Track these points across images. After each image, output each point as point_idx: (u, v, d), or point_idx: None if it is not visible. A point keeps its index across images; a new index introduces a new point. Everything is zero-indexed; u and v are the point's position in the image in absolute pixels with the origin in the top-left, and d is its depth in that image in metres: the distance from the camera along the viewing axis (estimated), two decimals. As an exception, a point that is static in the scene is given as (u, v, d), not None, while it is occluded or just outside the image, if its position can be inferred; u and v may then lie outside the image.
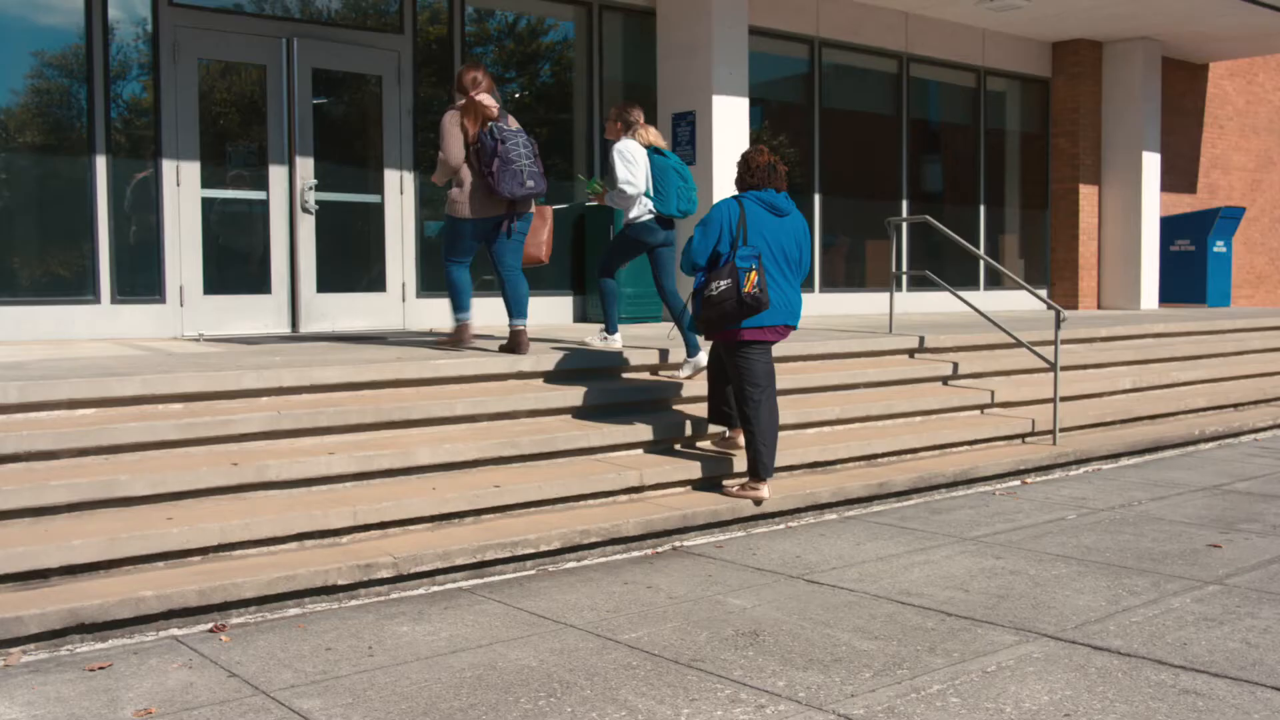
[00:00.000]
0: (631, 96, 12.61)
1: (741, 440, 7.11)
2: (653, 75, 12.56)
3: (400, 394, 6.93)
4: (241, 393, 6.45)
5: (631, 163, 8.09)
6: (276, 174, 10.22)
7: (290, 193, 10.27)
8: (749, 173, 6.88)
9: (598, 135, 12.29)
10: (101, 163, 9.40)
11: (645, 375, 8.00)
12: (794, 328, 6.94)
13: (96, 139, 9.38)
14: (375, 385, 6.92)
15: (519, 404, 7.13)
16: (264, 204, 10.23)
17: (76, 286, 9.37)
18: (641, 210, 8.17)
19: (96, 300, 9.40)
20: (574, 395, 7.39)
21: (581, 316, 12.09)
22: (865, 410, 8.40)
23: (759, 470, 6.78)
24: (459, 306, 8.20)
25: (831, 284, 14.51)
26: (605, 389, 7.55)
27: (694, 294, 6.76)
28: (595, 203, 8.31)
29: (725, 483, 7.13)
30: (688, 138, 12.07)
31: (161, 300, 9.68)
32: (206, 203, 9.90)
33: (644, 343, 8.49)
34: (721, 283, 6.53)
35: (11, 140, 9.20)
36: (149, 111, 9.67)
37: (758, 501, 6.80)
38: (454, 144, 7.82)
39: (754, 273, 6.52)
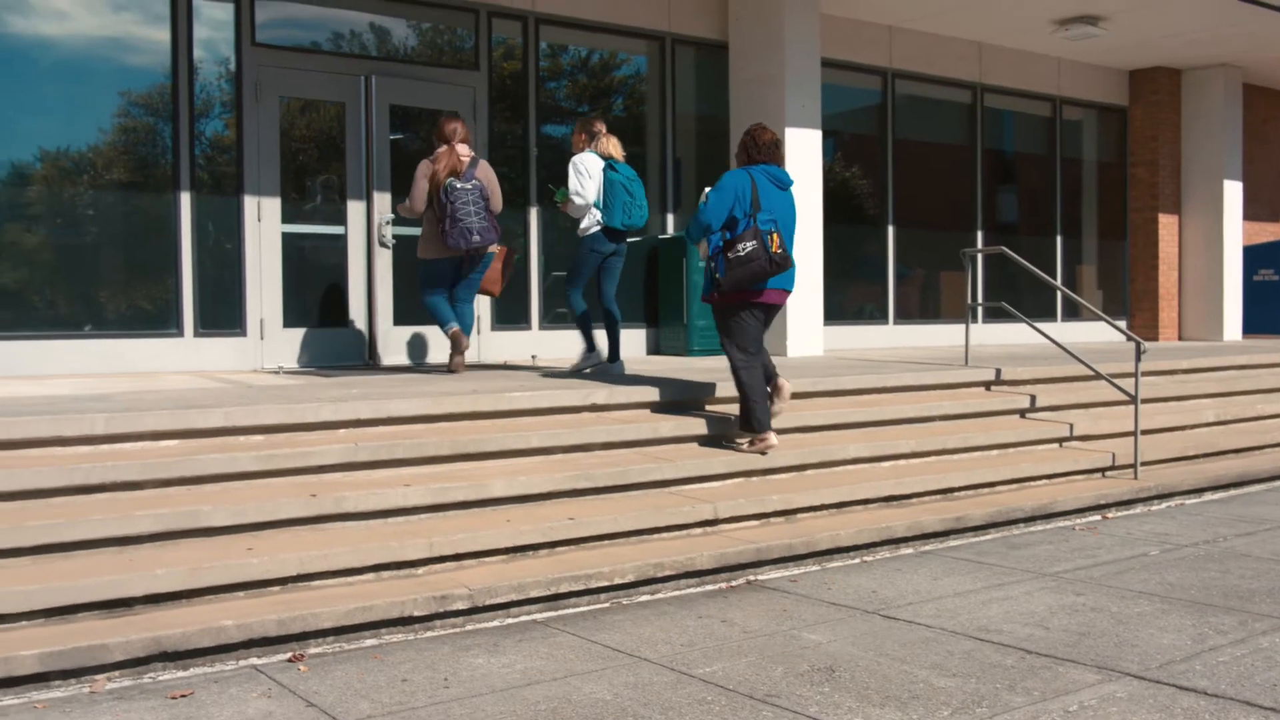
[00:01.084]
0: (704, 129, 12.67)
1: (772, 439, 7.42)
2: (725, 108, 12.60)
3: (475, 426, 6.99)
4: (320, 425, 6.54)
5: (583, 175, 8.72)
6: (354, 209, 10.38)
7: (368, 227, 10.43)
8: (756, 149, 7.45)
9: (670, 167, 12.36)
10: (186, 199, 9.61)
11: (719, 408, 7.99)
12: (791, 292, 7.53)
13: (181, 176, 9.61)
14: (451, 418, 6.99)
15: (593, 436, 7.16)
16: (342, 238, 10.40)
17: (161, 320, 9.58)
18: (590, 221, 8.78)
19: (180, 333, 9.60)
20: (647, 428, 7.40)
21: (655, 349, 12.12)
22: (941, 443, 8.31)
23: (759, 425, 7.36)
24: (440, 322, 9.15)
25: (906, 316, 14.42)
26: (679, 422, 7.56)
27: (712, 256, 7.24)
28: (563, 210, 9.11)
29: (737, 439, 7.60)
30: (760, 170, 12.07)
31: (242, 333, 9.87)
32: (286, 237, 10.09)
33: (717, 376, 8.47)
34: (748, 244, 7.08)
35: (99, 177, 9.45)
36: (231, 148, 9.88)
37: (764, 452, 7.40)
38: (418, 192, 8.84)
39: (775, 235, 7.16)
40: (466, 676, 4.54)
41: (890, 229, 14.21)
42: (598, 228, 8.73)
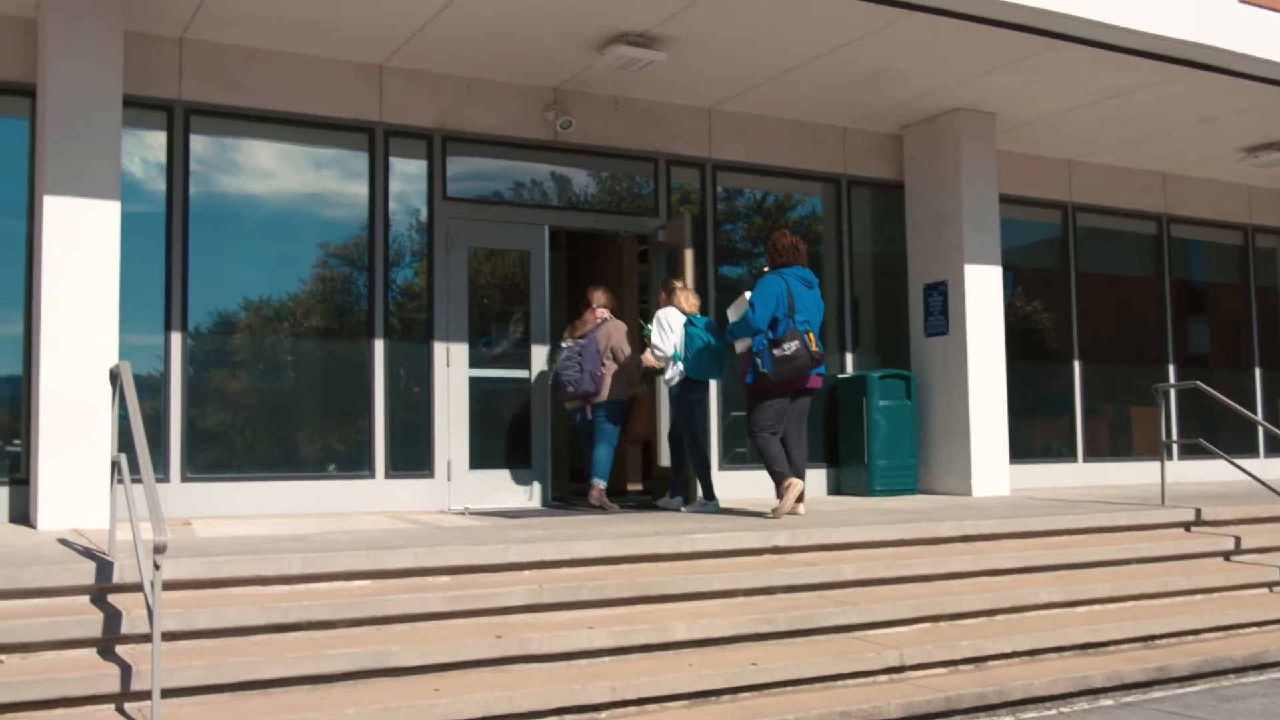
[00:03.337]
0: (881, 267, 12.66)
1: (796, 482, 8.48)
2: (902, 246, 12.57)
3: (657, 568, 6.99)
4: (505, 566, 6.64)
5: (665, 330, 9.53)
6: (538, 353, 10.65)
7: (550, 371, 10.66)
8: (777, 253, 8.70)
9: (849, 306, 12.35)
10: (379, 345, 10.01)
11: (899, 551, 7.83)
12: (824, 376, 8.83)
13: (375, 323, 10.03)
14: (633, 560, 7.01)
15: (775, 579, 7.08)
16: (526, 382, 10.65)
17: (353, 461, 9.92)
18: (674, 372, 9.53)
19: (371, 475, 9.90)
20: (830, 570, 7.29)
21: (836, 489, 11.95)
22: (1139, 588, 7.95)
23: (783, 474, 8.49)
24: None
25: (1096, 454, 13.93)
26: (861, 565, 7.42)
27: (756, 354, 8.37)
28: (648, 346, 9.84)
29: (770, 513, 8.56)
30: (940, 308, 11.97)
31: (430, 475, 10.13)
32: (473, 381, 10.39)
33: (902, 517, 8.33)
34: (791, 344, 8.28)
35: (299, 325, 9.94)
36: (421, 296, 10.29)
37: (787, 504, 8.43)
38: None
39: (811, 334, 8.36)
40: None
41: (1076, 364, 13.86)
42: (680, 377, 9.50)
